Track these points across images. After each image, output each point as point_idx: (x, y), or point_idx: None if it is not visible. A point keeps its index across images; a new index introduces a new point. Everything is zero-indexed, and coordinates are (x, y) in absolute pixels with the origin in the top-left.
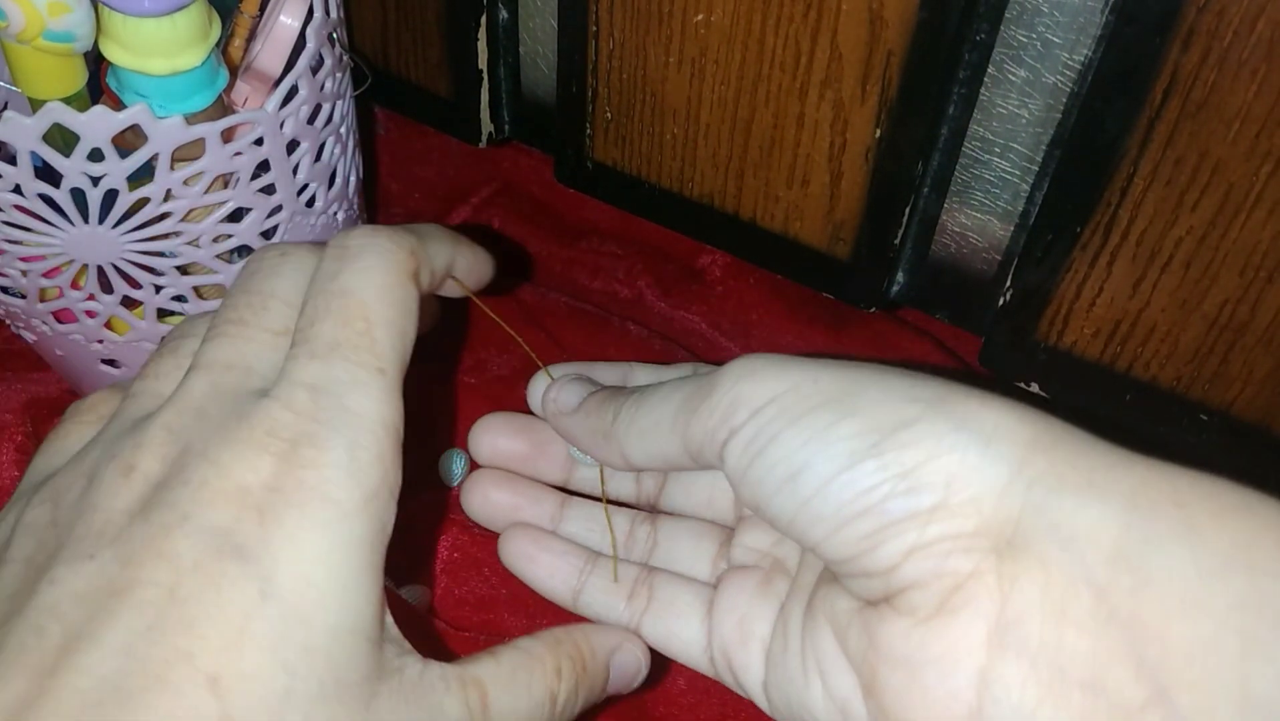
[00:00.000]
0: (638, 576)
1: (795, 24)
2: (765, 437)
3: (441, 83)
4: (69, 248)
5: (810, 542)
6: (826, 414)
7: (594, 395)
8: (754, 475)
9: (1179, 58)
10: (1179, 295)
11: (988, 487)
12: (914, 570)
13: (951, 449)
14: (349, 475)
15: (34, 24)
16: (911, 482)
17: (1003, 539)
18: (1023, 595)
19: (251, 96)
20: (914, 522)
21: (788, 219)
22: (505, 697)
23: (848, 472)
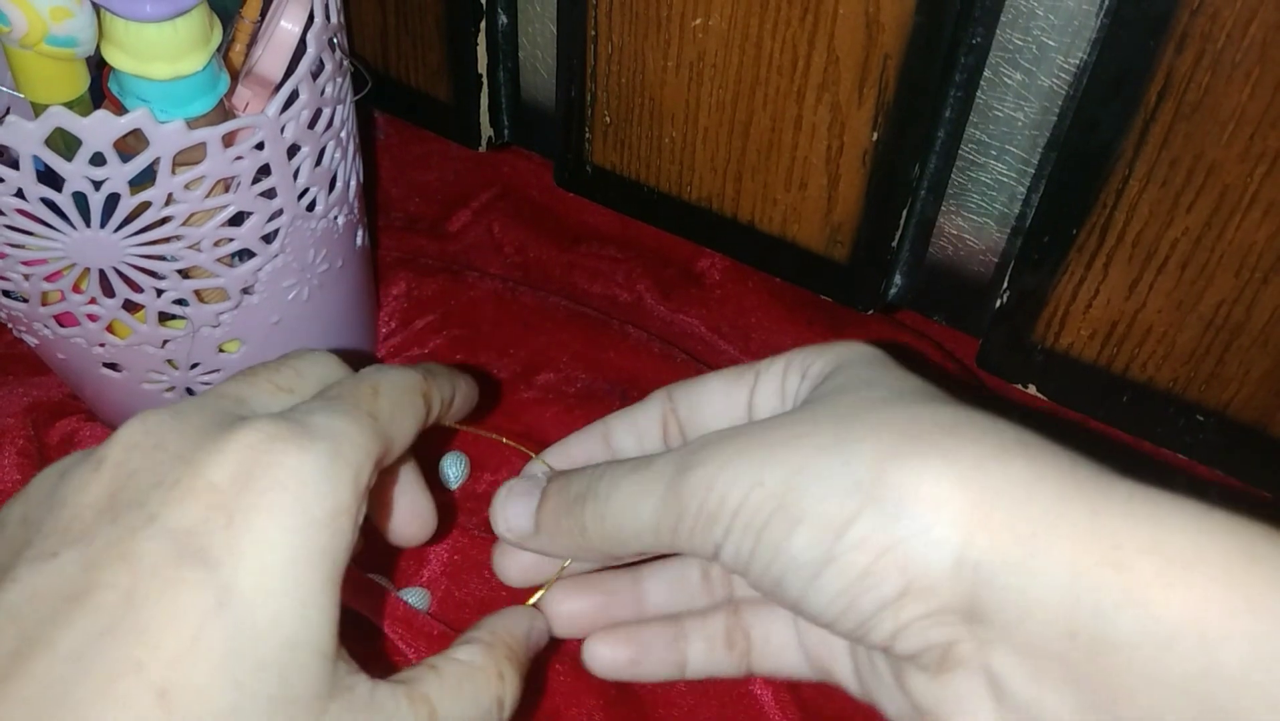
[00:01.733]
0: (728, 622)
1: (792, 28)
2: (744, 554)
3: (441, 87)
4: (71, 251)
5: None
6: (779, 526)
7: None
8: (750, 580)
9: (1173, 60)
10: (1175, 296)
11: (938, 574)
12: (906, 645)
13: (896, 541)
14: (325, 480)
15: (36, 29)
16: (870, 581)
17: (968, 613)
18: (1001, 660)
19: (252, 101)
20: (888, 612)
21: (786, 222)
22: (452, 710)
23: (816, 581)
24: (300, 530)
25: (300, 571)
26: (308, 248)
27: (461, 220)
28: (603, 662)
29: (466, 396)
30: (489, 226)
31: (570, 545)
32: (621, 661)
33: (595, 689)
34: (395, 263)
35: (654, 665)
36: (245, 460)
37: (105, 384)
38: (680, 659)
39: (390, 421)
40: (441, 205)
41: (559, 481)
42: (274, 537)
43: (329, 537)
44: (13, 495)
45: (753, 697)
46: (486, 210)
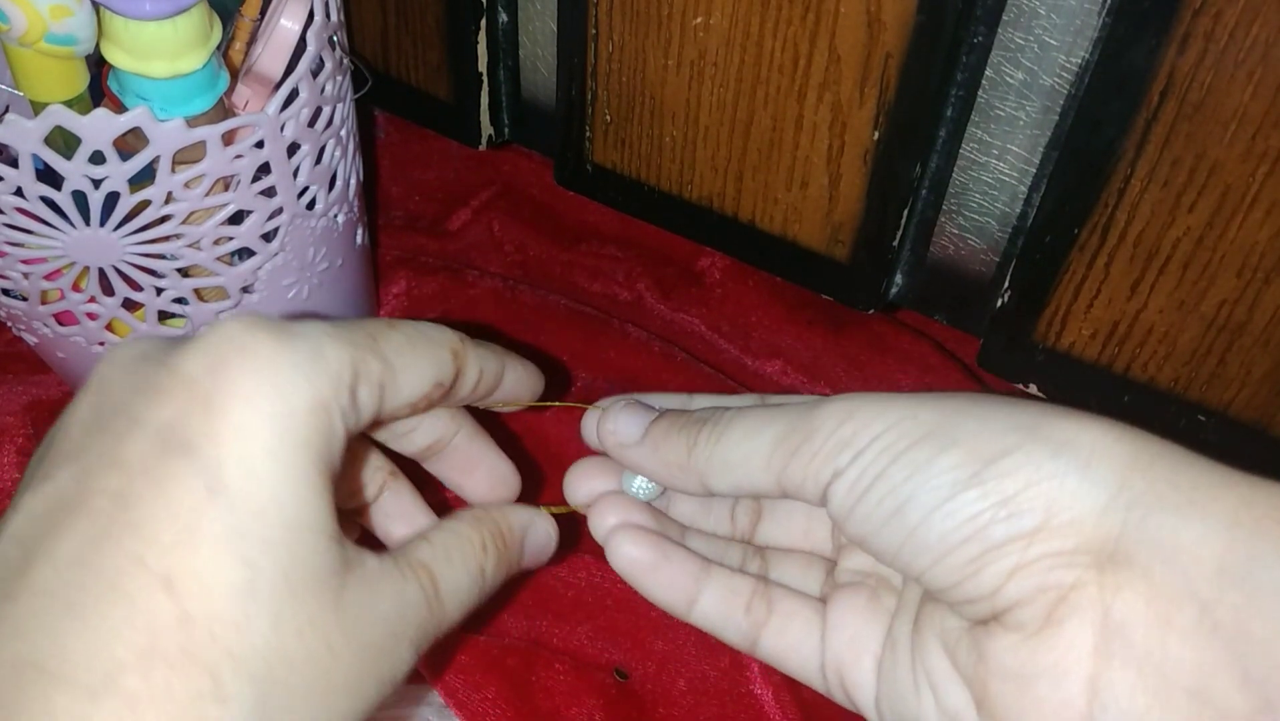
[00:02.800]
0: (755, 589)
1: (794, 27)
2: (870, 476)
3: (441, 86)
4: (70, 250)
5: (915, 572)
6: (927, 448)
7: (657, 423)
8: (860, 512)
9: (1175, 59)
10: (1176, 296)
11: (1087, 509)
12: (1017, 589)
13: (1050, 475)
14: (302, 373)
15: (36, 27)
16: (1012, 509)
17: (1104, 554)
18: (1126, 605)
19: (252, 99)
20: (1016, 545)
21: (787, 221)
22: (448, 575)
23: (950, 503)
24: (278, 417)
25: (286, 456)
26: (307, 246)
27: (461, 219)
28: (623, 557)
29: (523, 382)
30: (489, 225)
31: (671, 462)
32: (641, 562)
33: (596, 688)
34: (395, 261)
35: (667, 584)
36: (220, 350)
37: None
38: (692, 594)
39: (396, 353)
40: (441, 204)
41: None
42: (252, 422)
43: (312, 431)
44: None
45: (753, 697)
46: (486, 209)
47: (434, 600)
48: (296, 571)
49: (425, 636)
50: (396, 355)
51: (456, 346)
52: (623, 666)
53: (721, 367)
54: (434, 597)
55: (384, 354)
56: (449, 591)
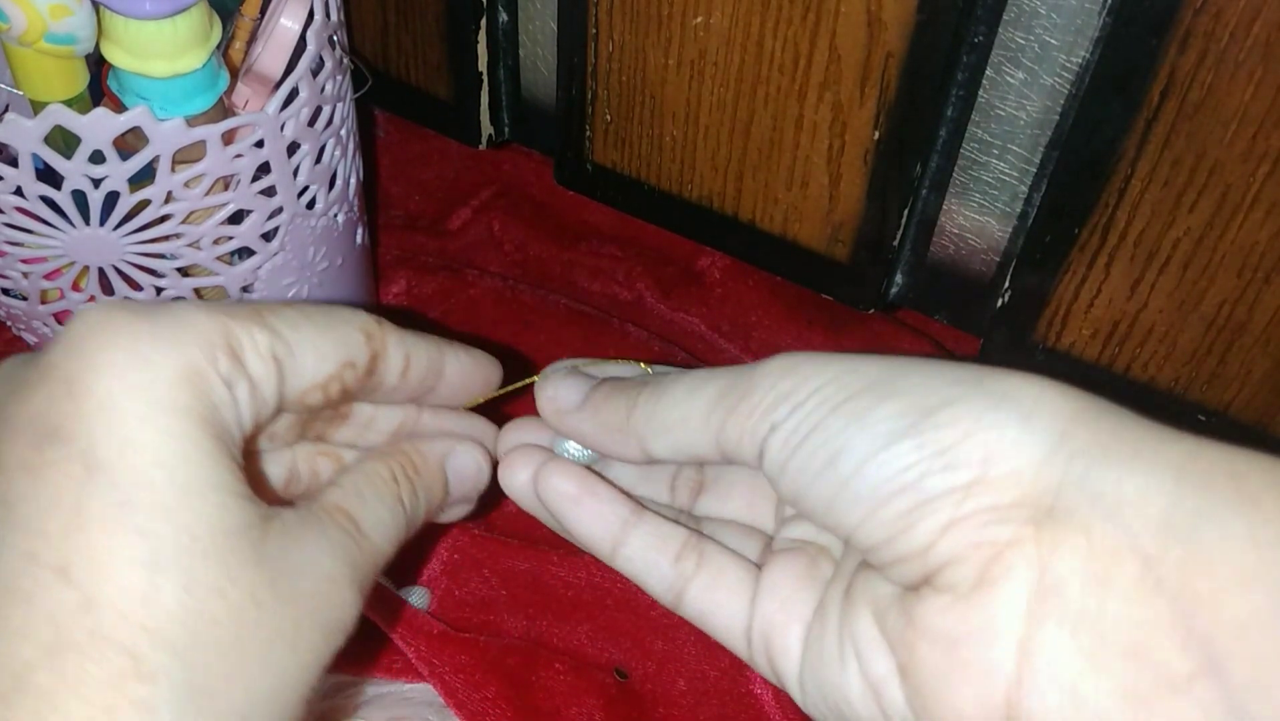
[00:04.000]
0: (686, 540)
1: (794, 26)
2: (806, 427)
3: (441, 85)
4: (70, 249)
5: (848, 527)
6: (867, 398)
7: (598, 389)
8: (794, 465)
9: (1176, 59)
10: (1177, 296)
11: (1026, 460)
12: (950, 545)
13: (990, 426)
14: (165, 340)
15: (36, 26)
16: (948, 460)
17: (1042, 509)
18: (1063, 562)
19: (252, 99)
20: (950, 498)
21: (787, 221)
22: (365, 512)
23: (884, 452)
24: (145, 386)
25: (163, 422)
26: (307, 246)
27: (461, 218)
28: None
29: (469, 372)
30: (489, 224)
31: (609, 424)
32: (566, 494)
33: (596, 688)
34: (395, 261)
35: (593, 519)
36: (79, 334)
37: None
38: (619, 535)
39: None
40: (441, 203)
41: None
42: (117, 395)
43: (186, 395)
44: None
45: (753, 697)
46: (486, 208)
47: (359, 537)
48: (203, 532)
49: (362, 574)
50: (290, 329)
51: (370, 327)
52: (623, 666)
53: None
54: (358, 534)
55: (272, 325)
56: (372, 526)
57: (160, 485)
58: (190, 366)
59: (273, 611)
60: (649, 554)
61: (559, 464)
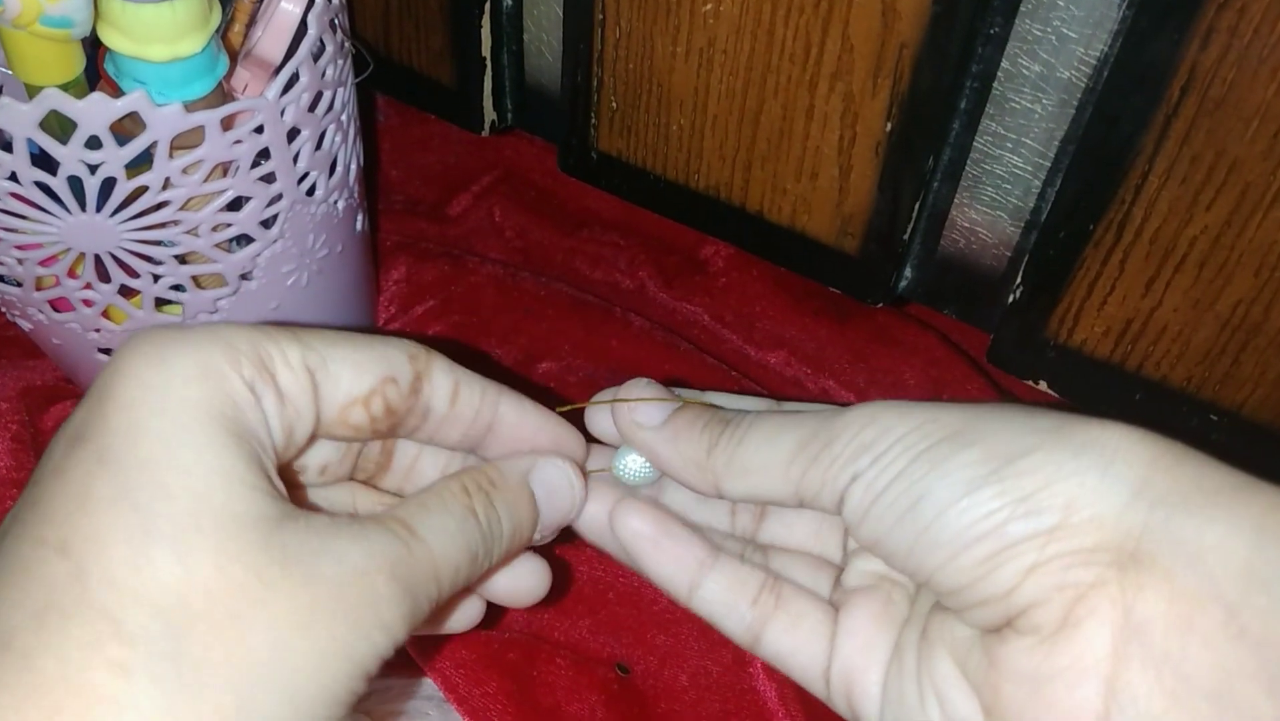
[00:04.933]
0: (763, 583)
1: (806, 15)
2: (889, 476)
3: (444, 70)
4: (66, 236)
5: (927, 571)
6: (947, 446)
7: (680, 414)
8: (875, 512)
9: (1198, 54)
10: (1192, 295)
11: (1108, 507)
12: (1034, 588)
13: (1071, 473)
14: (187, 346)
15: (31, 9)
16: (1030, 506)
17: (1125, 553)
18: (1147, 605)
19: (252, 83)
20: (1034, 543)
21: (795, 212)
22: (424, 518)
23: (966, 499)
24: (162, 385)
25: (174, 412)
26: (307, 233)
27: (463, 204)
28: (627, 528)
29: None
30: (490, 211)
31: (688, 457)
32: (643, 535)
33: (597, 683)
34: (395, 247)
35: (671, 562)
36: (120, 353)
37: (100, 369)
38: (696, 577)
39: (326, 343)
40: (443, 189)
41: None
42: (135, 394)
43: (204, 391)
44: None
45: (755, 693)
46: (488, 194)
47: (408, 537)
48: (205, 511)
49: (408, 573)
50: (326, 344)
51: (414, 349)
52: (624, 661)
53: (724, 357)
54: (407, 535)
55: (305, 340)
56: (429, 531)
57: (162, 468)
58: (208, 366)
59: (283, 592)
60: (728, 596)
61: (634, 504)
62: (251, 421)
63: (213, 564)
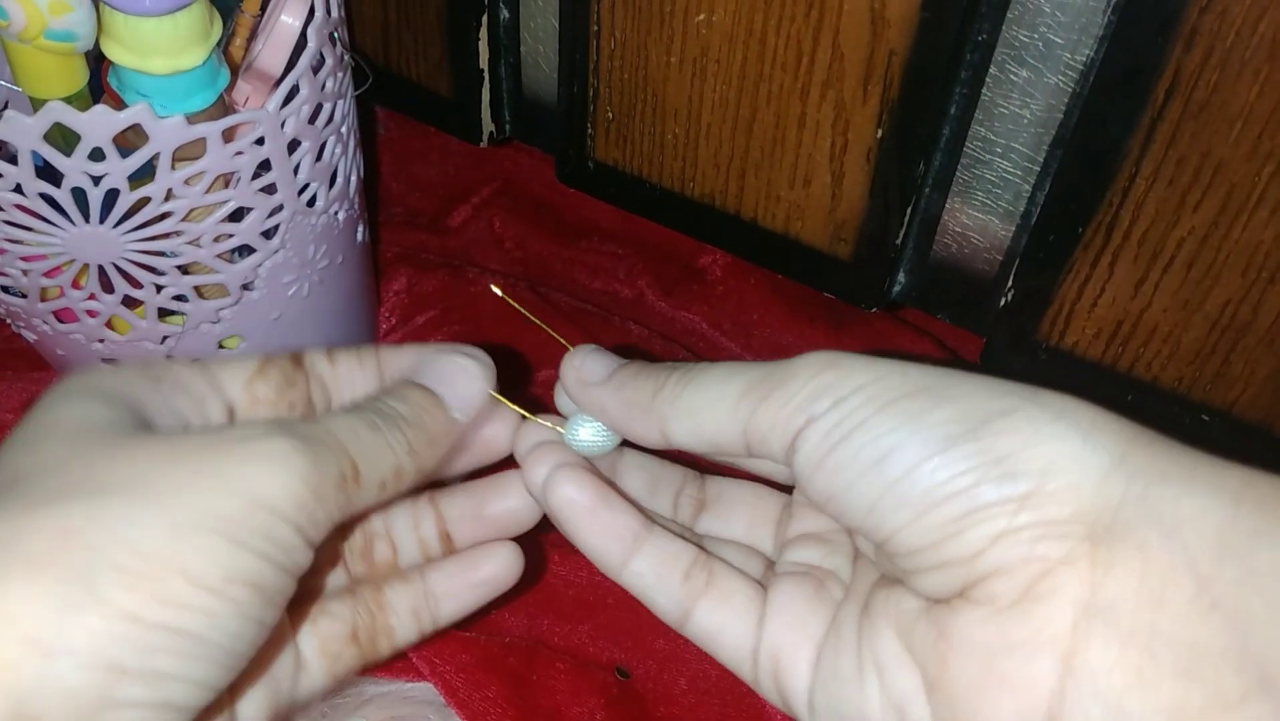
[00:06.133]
0: (695, 558)
1: (797, 24)
2: (850, 424)
3: (442, 82)
4: (70, 247)
5: (888, 530)
6: (920, 401)
7: (626, 367)
8: (833, 462)
9: (1181, 58)
10: (1181, 295)
11: (1087, 475)
12: (999, 556)
13: (1050, 437)
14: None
15: (35, 23)
16: (1006, 468)
17: (1100, 525)
18: (1117, 581)
19: (252, 96)
20: (1005, 508)
21: (789, 219)
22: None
23: (941, 455)
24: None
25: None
26: (308, 243)
27: (462, 215)
28: (560, 496)
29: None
30: (490, 222)
31: (633, 402)
32: (579, 504)
33: (597, 687)
34: (396, 258)
35: (604, 532)
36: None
37: None
38: (629, 550)
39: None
40: (442, 200)
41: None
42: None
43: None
44: None
45: (754, 697)
46: (487, 205)
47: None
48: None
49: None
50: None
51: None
52: (624, 665)
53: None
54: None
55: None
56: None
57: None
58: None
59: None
60: (659, 569)
61: (571, 471)
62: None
63: (62, 444)
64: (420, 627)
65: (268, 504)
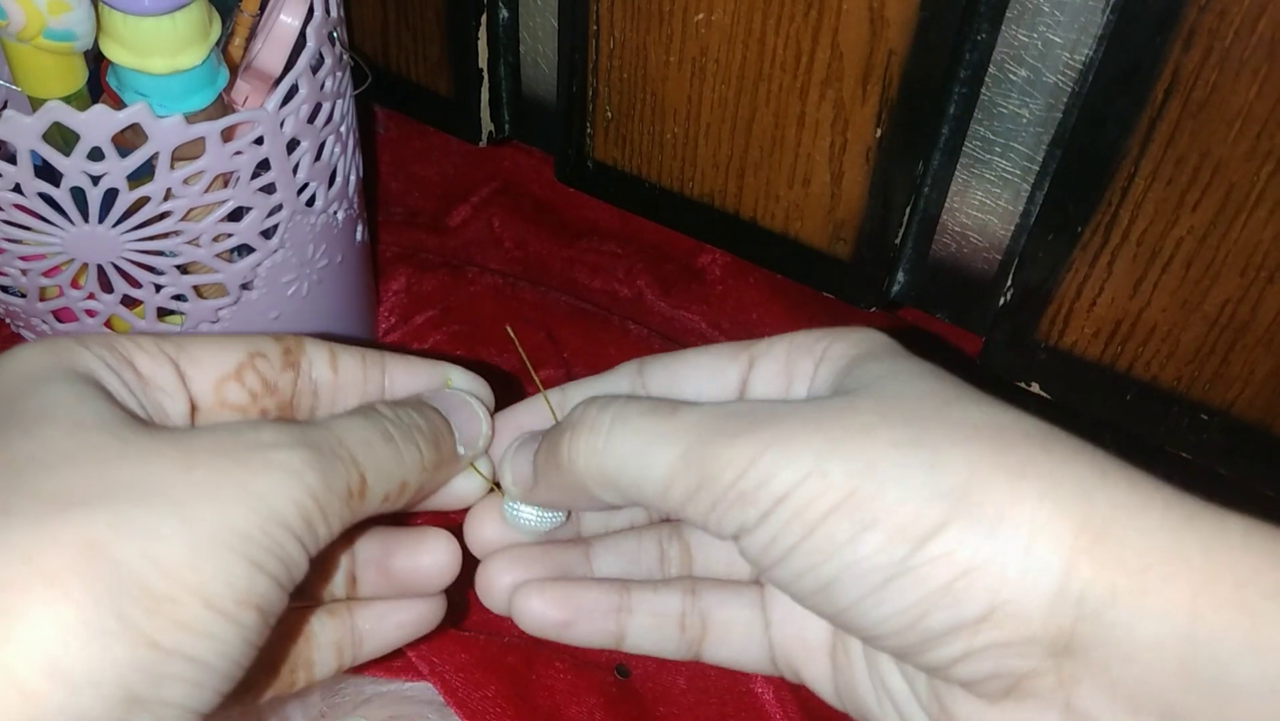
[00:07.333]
0: (684, 604)
1: (796, 23)
2: (784, 545)
3: (442, 81)
4: (69, 247)
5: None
6: (844, 524)
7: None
8: (780, 575)
9: (1180, 57)
10: (1179, 295)
11: (1035, 601)
12: (970, 670)
13: (989, 559)
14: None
15: (34, 22)
16: (952, 596)
17: (1058, 646)
18: (1087, 697)
19: (251, 95)
20: (961, 634)
21: (788, 218)
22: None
23: (881, 591)
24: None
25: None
26: (307, 243)
27: (461, 215)
28: (531, 618)
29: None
30: (489, 221)
31: (559, 483)
32: (551, 621)
33: (596, 687)
34: (395, 258)
35: (587, 632)
36: None
37: None
38: (619, 631)
39: (186, 338)
40: (441, 200)
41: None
42: None
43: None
44: None
45: (753, 696)
46: (487, 205)
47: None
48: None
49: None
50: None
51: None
52: (623, 664)
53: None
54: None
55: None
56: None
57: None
58: (56, 346)
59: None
60: (654, 635)
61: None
62: (104, 378)
63: (65, 433)
64: (340, 663)
65: (281, 519)
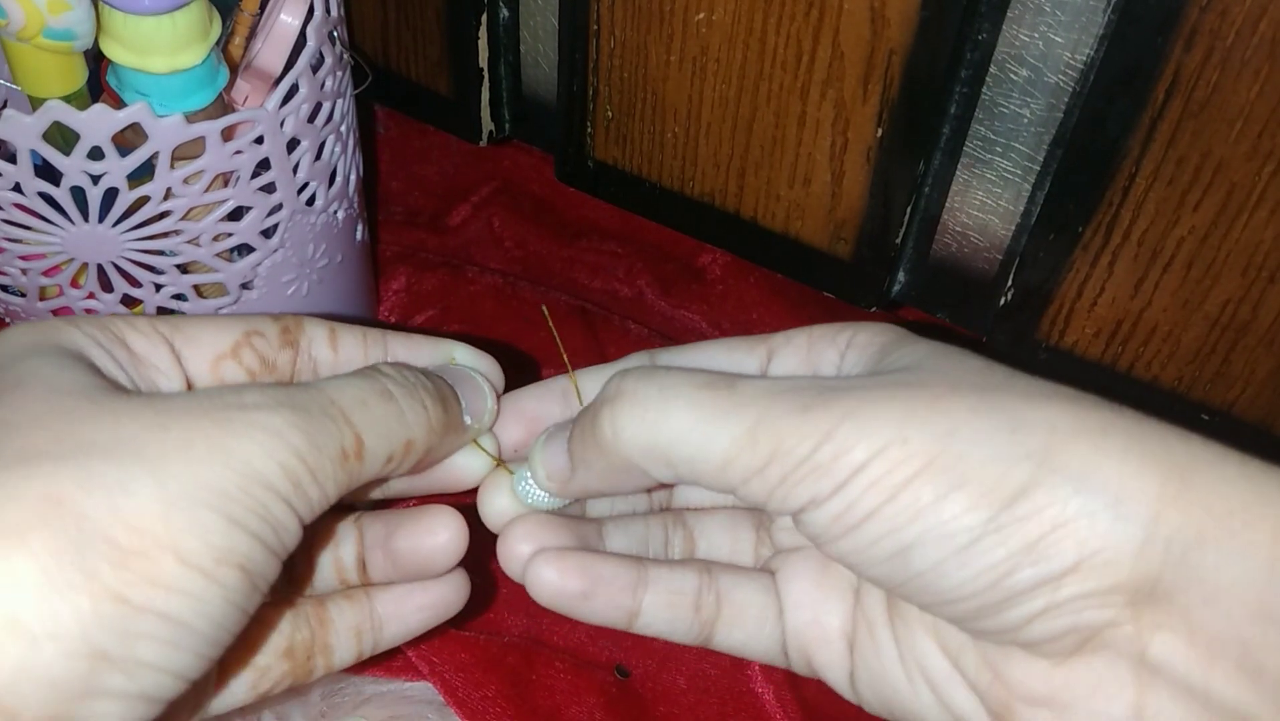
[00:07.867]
0: (700, 583)
1: (797, 23)
2: (860, 512)
3: (442, 81)
4: (69, 246)
5: (919, 604)
6: (928, 486)
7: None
8: (848, 545)
9: (1181, 57)
10: (1181, 295)
11: (1123, 550)
12: (1045, 628)
13: (1078, 514)
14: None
15: (34, 22)
16: (1039, 553)
17: (1141, 593)
18: (1165, 644)
19: (252, 95)
20: (1045, 588)
21: (789, 218)
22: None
23: (966, 551)
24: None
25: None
26: (307, 242)
27: (462, 214)
28: (547, 588)
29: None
30: (489, 221)
31: (601, 465)
32: (569, 592)
33: (596, 686)
34: (395, 257)
35: (605, 606)
36: None
37: None
38: (634, 607)
39: (182, 318)
40: (442, 199)
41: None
42: None
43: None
44: None
45: (754, 695)
46: (487, 204)
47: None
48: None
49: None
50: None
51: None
52: (623, 664)
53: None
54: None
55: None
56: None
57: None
58: (45, 326)
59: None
60: (669, 613)
61: (550, 559)
62: (92, 355)
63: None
64: (359, 649)
65: (263, 480)
